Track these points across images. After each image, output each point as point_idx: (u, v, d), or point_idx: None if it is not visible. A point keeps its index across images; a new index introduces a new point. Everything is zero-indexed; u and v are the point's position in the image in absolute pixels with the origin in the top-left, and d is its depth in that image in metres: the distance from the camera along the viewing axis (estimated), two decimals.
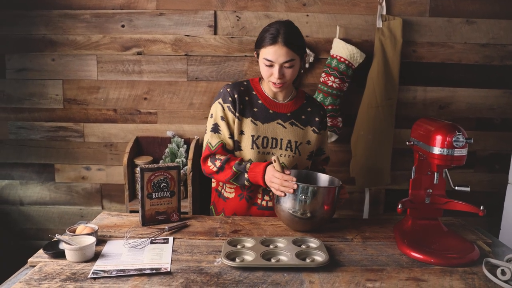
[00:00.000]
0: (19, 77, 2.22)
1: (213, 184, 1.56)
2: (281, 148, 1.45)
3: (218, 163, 1.40)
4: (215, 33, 2.17)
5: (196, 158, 2.05)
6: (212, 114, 1.47)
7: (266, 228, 1.34)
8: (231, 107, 1.43)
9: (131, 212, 2.04)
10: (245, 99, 1.45)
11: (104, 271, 1.03)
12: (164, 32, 2.18)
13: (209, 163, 1.43)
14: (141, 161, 2.10)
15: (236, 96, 1.43)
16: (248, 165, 1.37)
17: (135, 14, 2.17)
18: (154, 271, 1.04)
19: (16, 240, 2.29)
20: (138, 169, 1.34)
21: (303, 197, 1.24)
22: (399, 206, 1.23)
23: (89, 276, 1.01)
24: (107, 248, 1.17)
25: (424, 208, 1.31)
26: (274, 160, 1.31)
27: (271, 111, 1.45)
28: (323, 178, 1.41)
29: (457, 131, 1.17)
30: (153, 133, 2.24)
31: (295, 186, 1.24)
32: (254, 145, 1.43)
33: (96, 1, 2.15)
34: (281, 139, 1.45)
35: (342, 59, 2.07)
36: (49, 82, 2.22)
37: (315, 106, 1.53)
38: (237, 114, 1.43)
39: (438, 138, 1.18)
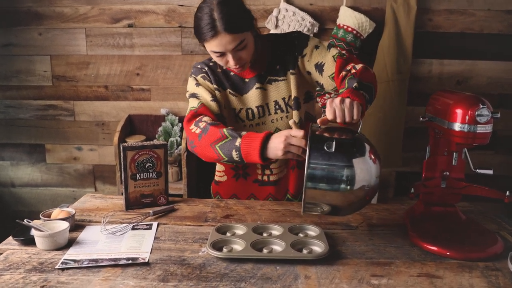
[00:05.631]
0: (5, 53, 2.14)
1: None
2: (269, 114, 1.29)
3: (202, 125, 1.18)
4: None
5: None
6: (188, 91, 1.32)
7: (262, 213, 1.23)
8: (206, 76, 1.29)
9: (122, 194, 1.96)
10: (218, 71, 1.31)
11: (74, 261, 0.93)
12: (156, 2, 2.05)
13: (192, 126, 1.21)
14: (133, 141, 2.01)
15: (206, 68, 1.29)
16: (243, 133, 1.14)
17: None
18: (130, 262, 0.93)
19: (8, 222, 2.25)
20: (120, 147, 1.23)
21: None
22: (412, 190, 1.11)
23: (56, 267, 0.91)
24: (84, 235, 1.07)
25: (439, 193, 1.18)
26: (294, 123, 1.13)
27: (246, 80, 1.29)
28: None
29: (481, 103, 1.02)
30: (146, 111, 2.17)
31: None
32: (238, 118, 1.30)
33: None
34: (267, 104, 1.29)
35: (349, 29, 1.96)
36: (36, 58, 2.14)
37: (282, 43, 1.28)
38: (214, 85, 1.28)
39: (459, 112, 1.04)
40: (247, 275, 0.89)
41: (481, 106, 1.02)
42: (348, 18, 1.95)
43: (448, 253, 0.99)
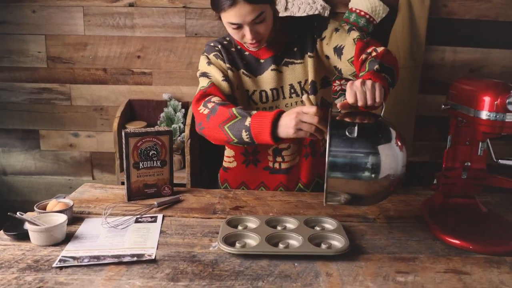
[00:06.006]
0: None
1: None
2: (284, 97, 1.23)
3: (211, 105, 1.12)
4: None
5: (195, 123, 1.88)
6: (199, 69, 1.27)
7: (273, 204, 1.17)
8: (218, 55, 1.23)
9: (123, 184, 1.90)
10: (232, 50, 1.25)
11: (74, 258, 0.85)
12: None
13: (201, 107, 1.15)
14: (133, 127, 1.95)
15: (220, 46, 1.24)
16: (253, 112, 1.08)
17: None
18: (135, 259, 0.86)
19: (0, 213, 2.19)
20: (122, 134, 1.16)
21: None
22: (434, 181, 1.07)
23: (54, 265, 0.83)
24: (83, 228, 1.00)
25: (460, 184, 1.13)
26: (307, 99, 1.00)
27: (262, 60, 1.24)
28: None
29: None
30: (148, 96, 2.10)
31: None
32: (251, 101, 1.23)
33: None
34: (281, 87, 1.23)
35: (362, 13, 1.89)
36: (30, 38, 2.04)
37: (301, 25, 1.23)
38: (227, 65, 1.22)
39: (486, 99, 0.97)
40: (264, 273, 0.83)
41: None
42: (361, 1, 1.88)
43: (470, 247, 0.95)
